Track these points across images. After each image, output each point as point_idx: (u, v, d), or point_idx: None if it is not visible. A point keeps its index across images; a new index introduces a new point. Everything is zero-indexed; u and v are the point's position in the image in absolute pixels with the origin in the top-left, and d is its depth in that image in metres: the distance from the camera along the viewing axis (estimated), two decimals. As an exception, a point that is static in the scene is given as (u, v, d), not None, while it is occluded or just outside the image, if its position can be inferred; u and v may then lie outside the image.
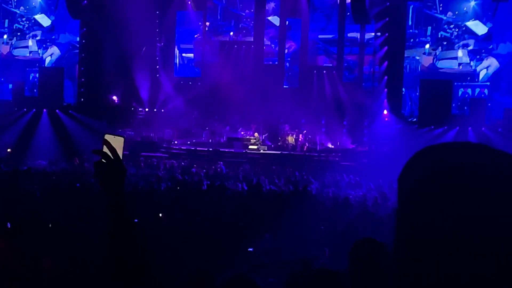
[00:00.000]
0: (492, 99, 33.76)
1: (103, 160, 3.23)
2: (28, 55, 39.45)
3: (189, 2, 38.63)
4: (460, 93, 34.18)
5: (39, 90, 37.61)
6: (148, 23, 37.05)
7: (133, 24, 33.98)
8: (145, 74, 37.49)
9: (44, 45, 39.29)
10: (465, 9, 34.16)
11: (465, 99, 34.06)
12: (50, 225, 12.64)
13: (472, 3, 34.13)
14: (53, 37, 39.32)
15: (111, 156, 3.24)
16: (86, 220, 13.01)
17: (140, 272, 3.04)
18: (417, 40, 35.38)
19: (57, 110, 36.61)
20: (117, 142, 3.29)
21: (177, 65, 39.60)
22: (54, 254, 9.32)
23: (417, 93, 34.52)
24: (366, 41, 36.19)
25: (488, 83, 34.04)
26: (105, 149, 3.25)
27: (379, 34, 35.16)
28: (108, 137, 3.28)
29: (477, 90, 34.18)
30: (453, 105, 33.47)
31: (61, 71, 37.86)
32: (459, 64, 34.39)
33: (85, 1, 36.31)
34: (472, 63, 34.27)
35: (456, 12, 34.32)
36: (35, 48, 39.37)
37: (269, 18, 38.21)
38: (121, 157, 3.28)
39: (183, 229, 13.13)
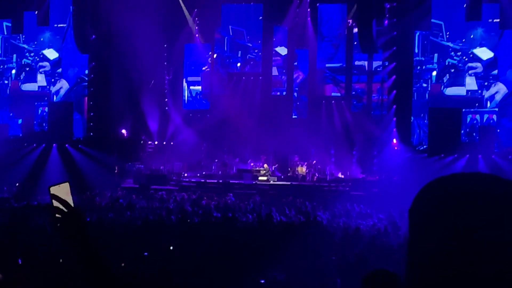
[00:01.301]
0: (501, 125, 33.69)
1: (57, 215, 3.22)
2: (37, 89, 39.61)
3: (197, 35, 38.84)
4: (468, 119, 34.12)
5: (48, 125, 37.75)
6: (156, 56, 37.24)
7: (142, 57, 34.20)
8: (154, 107, 37.61)
9: (52, 80, 39.47)
10: (472, 36, 34.21)
11: (473, 126, 33.99)
12: (60, 260, 12.62)
13: (479, 31, 34.17)
14: (59, 70, 39.42)
15: (63, 208, 3.23)
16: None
17: None
18: (424, 67, 35.39)
19: (66, 145, 36.72)
20: (63, 190, 3.27)
21: (186, 98, 39.72)
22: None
23: (426, 121, 34.51)
24: (374, 69, 36.29)
25: (496, 109, 33.98)
26: (56, 203, 3.23)
27: (386, 63, 35.27)
28: (53, 189, 3.26)
29: (486, 116, 34.10)
30: (462, 131, 33.43)
31: (70, 106, 38.03)
32: (467, 91, 34.36)
33: (93, 36, 36.53)
34: (479, 91, 34.25)
35: (463, 40, 34.37)
36: (43, 83, 39.55)
37: (277, 49, 38.37)
38: (72, 204, 3.26)
39: (194, 262, 13.10)
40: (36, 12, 38.68)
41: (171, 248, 15.05)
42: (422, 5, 33.88)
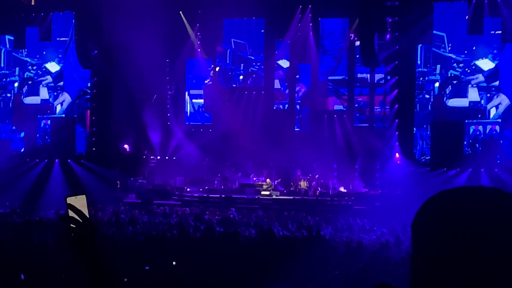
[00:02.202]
0: (504, 137, 33.59)
1: (71, 225, 3.21)
2: (39, 103, 39.59)
3: (199, 50, 38.91)
4: (471, 131, 34.00)
5: (51, 140, 37.86)
6: (159, 71, 37.30)
7: (144, 72, 34.26)
8: (156, 122, 37.64)
9: (55, 93, 39.46)
10: (474, 48, 34.18)
11: (476, 137, 33.86)
12: (63, 276, 12.60)
13: (482, 42, 34.08)
14: (61, 83, 39.40)
15: (79, 218, 3.22)
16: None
17: None
18: (426, 78, 35.32)
19: (69, 160, 36.75)
20: (80, 202, 3.27)
21: (188, 111, 39.73)
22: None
23: (428, 132, 34.51)
24: (377, 81, 36.31)
25: (499, 120, 33.86)
26: (71, 213, 3.22)
27: (389, 77, 35.30)
28: (70, 199, 3.26)
29: (488, 127, 33.96)
30: (465, 143, 33.38)
31: (72, 121, 38.09)
32: (470, 103, 34.27)
33: (96, 51, 36.61)
34: (482, 101, 34.16)
35: (466, 52, 34.33)
36: (46, 96, 39.55)
37: (279, 61, 38.40)
38: (87, 216, 3.25)
39: (197, 277, 13.06)
40: (39, 28, 38.86)
41: (174, 263, 15.03)
42: (424, 19, 33.97)
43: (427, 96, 35.41)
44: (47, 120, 39.03)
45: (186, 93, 39.66)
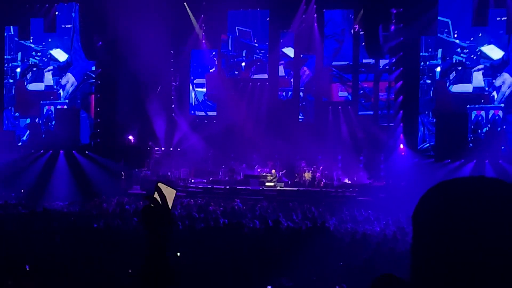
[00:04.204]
0: (507, 122, 33.32)
1: (151, 205, 3.28)
2: (43, 89, 39.45)
3: (203, 41, 38.87)
4: (473, 116, 33.72)
5: (55, 131, 37.83)
6: (163, 62, 37.26)
7: (148, 63, 34.23)
8: (160, 113, 37.65)
9: (60, 80, 39.32)
10: (480, 35, 33.93)
11: (478, 122, 33.57)
12: (68, 267, 12.63)
13: (487, 28, 33.76)
14: (68, 72, 39.32)
15: (161, 203, 3.28)
16: (103, 261, 13.01)
17: None
18: (427, 63, 35.07)
19: (73, 151, 36.78)
20: (168, 193, 3.34)
21: (193, 101, 39.69)
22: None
23: (430, 118, 34.42)
24: (383, 67, 36.18)
25: (502, 105, 33.56)
26: (156, 195, 3.29)
27: (394, 68, 35.23)
28: (161, 185, 3.35)
29: (491, 112, 33.68)
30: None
31: (77, 112, 38.11)
32: (474, 88, 33.96)
33: (100, 43, 36.60)
34: (487, 88, 33.89)
35: (471, 38, 34.08)
36: (50, 82, 39.43)
37: (284, 49, 38.30)
38: (169, 205, 3.32)
39: (201, 268, 13.08)
40: (43, 19, 38.80)
41: (178, 254, 15.04)
42: (428, 10, 33.82)
43: (428, 81, 35.08)
44: (50, 107, 38.97)
45: (191, 84, 39.66)
